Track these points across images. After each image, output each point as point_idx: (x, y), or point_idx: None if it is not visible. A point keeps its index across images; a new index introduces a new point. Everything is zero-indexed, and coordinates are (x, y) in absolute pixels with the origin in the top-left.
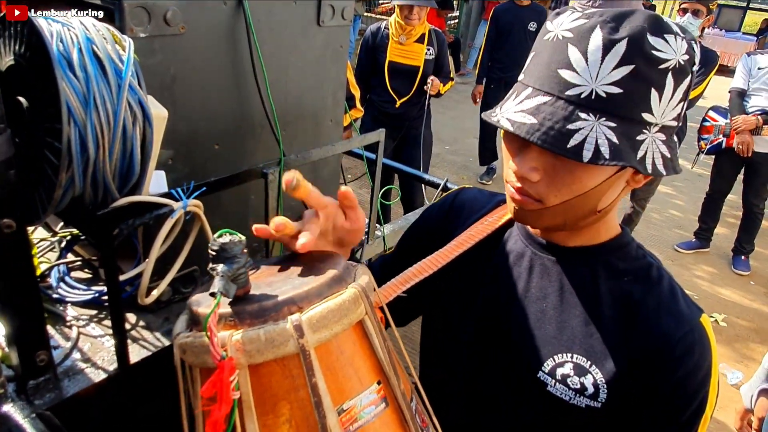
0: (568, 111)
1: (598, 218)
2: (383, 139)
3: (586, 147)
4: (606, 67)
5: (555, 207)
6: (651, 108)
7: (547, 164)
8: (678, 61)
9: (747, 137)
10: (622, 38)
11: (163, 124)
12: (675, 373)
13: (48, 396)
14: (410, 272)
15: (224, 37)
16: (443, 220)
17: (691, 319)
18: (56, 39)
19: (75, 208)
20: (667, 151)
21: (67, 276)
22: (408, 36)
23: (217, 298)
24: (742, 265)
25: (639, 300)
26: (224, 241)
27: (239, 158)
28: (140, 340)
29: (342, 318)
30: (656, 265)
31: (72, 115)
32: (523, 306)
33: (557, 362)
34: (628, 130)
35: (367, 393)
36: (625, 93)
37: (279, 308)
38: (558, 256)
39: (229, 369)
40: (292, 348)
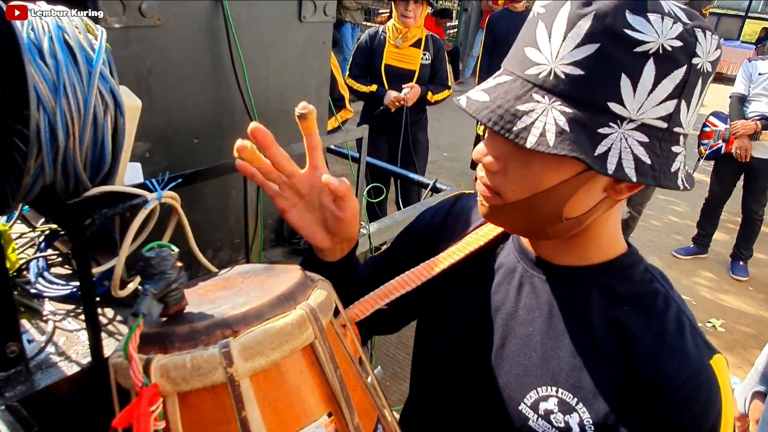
0: (522, 91)
1: (572, 228)
2: (366, 135)
3: (532, 131)
4: (568, 44)
5: (514, 204)
6: (621, 98)
7: (507, 154)
8: (662, 45)
9: (745, 142)
10: (589, 12)
11: (137, 115)
12: (675, 421)
13: (19, 388)
14: (391, 285)
15: (203, 31)
16: (438, 226)
17: (697, 361)
18: (27, 27)
19: (46, 197)
20: (645, 155)
21: (46, 271)
22: (404, 39)
23: (137, 321)
24: (741, 271)
25: (638, 332)
26: (151, 255)
27: (219, 152)
28: (117, 334)
29: (282, 344)
30: (664, 293)
31: (41, 101)
32: (508, 328)
33: (541, 395)
34: (586, 119)
35: (314, 426)
36: (587, 75)
37: (211, 331)
38: (549, 274)
39: (149, 397)
40: (220, 377)
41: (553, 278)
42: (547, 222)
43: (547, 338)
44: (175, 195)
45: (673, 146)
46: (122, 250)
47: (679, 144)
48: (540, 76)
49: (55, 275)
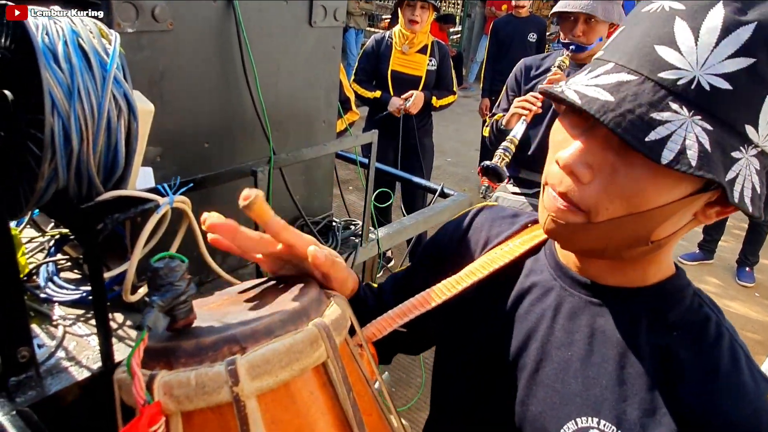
0: (657, 97)
1: (648, 252)
2: (376, 141)
3: (668, 146)
4: (720, 53)
5: (601, 225)
6: (757, 121)
7: (606, 165)
8: None
9: None
10: (751, 22)
11: (150, 119)
12: None
13: (30, 393)
14: (410, 304)
15: (214, 35)
16: (460, 240)
17: (756, 398)
18: (42, 31)
19: (59, 201)
20: (758, 184)
21: (56, 276)
22: (411, 45)
23: (141, 334)
24: (747, 277)
25: (689, 362)
26: (159, 266)
27: (229, 157)
28: (127, 339)
29: (291, 363)
30: (716, 320)
31: (55, 105)
32: (544, 352)
33: (580, 426)
34: (724, 139)
35: None
36: (735, 92)
37: (218, 347)
38: (594, 295)
39: (149, 416)
40: (225, 396)
41: (598, 299)
42: (630, 245)
43: (588, 364)
44: (186, 200)
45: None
46: (134, 255)
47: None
48: (679, 83)
49: (64, 280)
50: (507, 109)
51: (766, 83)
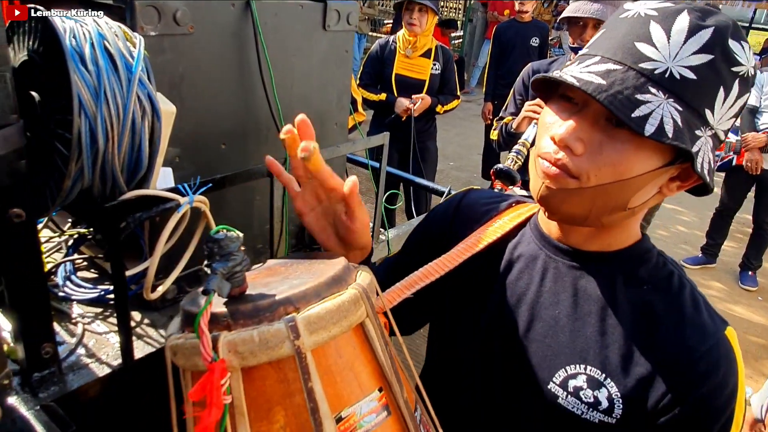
0: (639, 82)
1: (623, 218)
2: (387, 142)
3: (650, 121)
4: (687, 49)
5: (590, 189)
6: (714, 106)
7: (594, 139)
8: (748, 71)
9: (756, 155)
10: (710, 26)
11: (171, 120)
12: (698, 390)
13: (52, 389)
14: (416, 276)
15: (232, 38)
16: (450, 221)
17: (715, 332)
18: (69, 34)
19: (83, 200)
20: (712, 160)
21: (73, 275)
22: (414, 49)
23: (209, 297)
24: (750, 281)
25: (659, 310)
26: (220, 237)
27: (245, 158)
28: (144, 337)
29: (341, 320)
30: (678, 274)
31: (83, 107)
32: (534, 312)
33: (569, 374)
34: (690, 119)
35: (368, 400)
36: (698, 80)
37: (274, 308)
38: (574, 260)
39: (219, 371)
40: (287, 350)
41: (579, 263)
42: (610, 210)
43: (573, 319)
44: (205, 199)
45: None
46: (155, 253)
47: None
48: (656, 72)
49: (82, 279)
50: (514, 113)
51: (721, 76)
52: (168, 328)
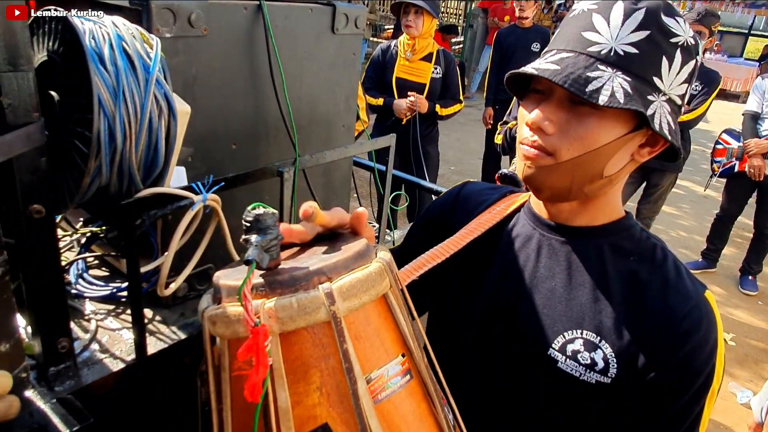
0: (588, 63)
1: (603, 187)
2: (393, 144)
3: (602, 92)
4: (625, 29)
5: (565, 163)
6: (661, 74)
7: (561, 118)
8: (687, 40)
9: (759, 161)
10: (641, 7)
11: (186, 120)
12: (682, 347)
13: (68, 383)
14: (423, 258)
15: (243, 41)
16: (449, 212)
17: (696, 295)
18: (89, 35)
19: (99, 198)
20: (672, 122)
21: (86, 272)
22: (414, 52)
23: (252, 266)
24: (750, 285)
25: (645, 278)
26: (258, 212)
27: (255, 158)
28: (156, 333)
29: (369, 289)
30: (660, 246)
31: (102, 106)
32: (532, 286)
33: (567, 339)
34: (640, 87)
35: (393, 364)
36: (640, 54)
37: (309, 278)
38: (565, 236)
39: (263, 334)
40: (323, 315)
41: (570, 238)
42: (588, 180)
43: (569, 289)
44: (217, 198)
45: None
46: (170, 250)
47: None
48: (602, 52)
49: (93, 276)
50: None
51: (662, 47)
52: (200, 304)
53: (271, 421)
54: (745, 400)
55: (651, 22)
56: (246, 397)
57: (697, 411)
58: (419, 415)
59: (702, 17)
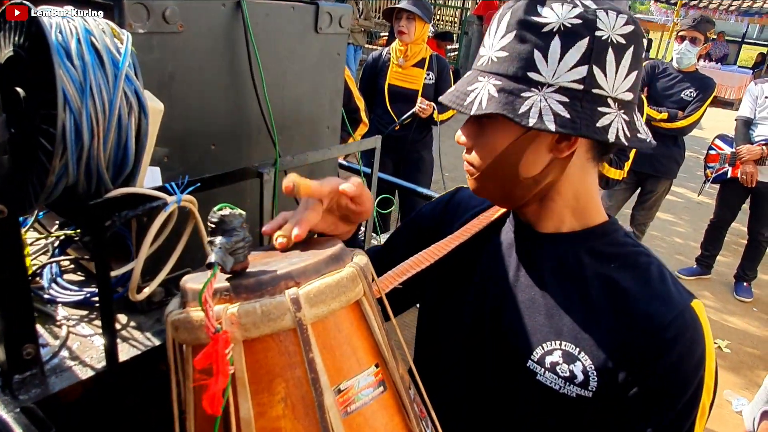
0: (471, 77)
1: (531, 189)
2: (379, 146)
3: (474, 103)
4: (497, 36)
5: (484, 172)
6: (537, 68)
7: (472, 133)
8: (562, 24)
9: (751, 168)
10: (506, 12)
11: (159, 118)
12: (665, 358)
13: (33, 391)
14: (407, 264)
15: (222, 38)
16: (439, 217)
17: (681, 304)
18: (55, 29)
19: (67, 198)
20: (564, 111)
21: (59, 277)
22: (406, 58)
23: (213, 269)
24: (745, 292)
25: (626, 286)
26: (224, 213)
27: (235, 160)
28: (130, 339)
29: (339, 295)
30: (645, 252)
31: (68, 102)
32: (512, 295)
33: (546, 350)
34: (512, 87)
35: (365, 375)
36: (510, 55)
37: (276, 282)
38: (544, 243)
39: (223, 341)
40: (288, 322)
41: (549, 246)
42: (510, 183)
43: (548, 298)
44: (193, 199)
45: (599, 107)
46: (141, 253)
47: (607, 105)
48: (483, 64)
49: (68, 281)
50: None
51: (529, 42)
52: (167, 307)
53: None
54: (740, 408)
55: (515, 21)
56: (204, 408)
57: (687, 428)
58: (392, 429)
59: (697, 23)
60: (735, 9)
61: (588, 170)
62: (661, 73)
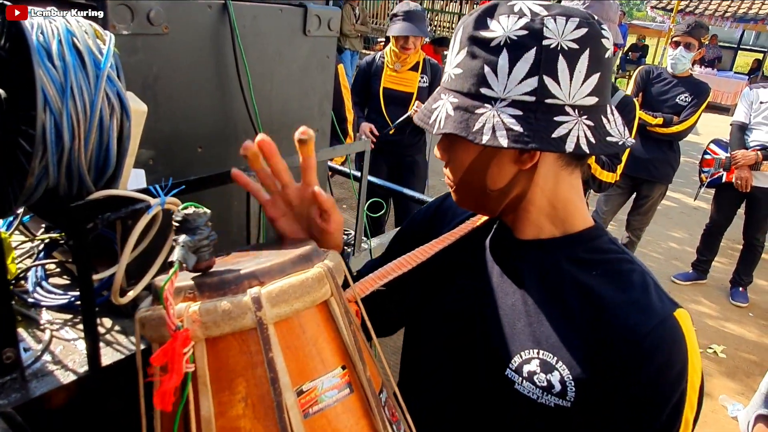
0: (437, 94)
1: (502, 200)
2: (368, 149)
3: (437, 121)
4: (453, 53)
5: (458, 186)
6: (488, 83)
7: (445, 148)
8: (508, 37)
9: (746, 173)
10: (460, 27)
11: (142, 120)
12: (644, 369)
13: (13, 396)
14: (389, 267)
15: (209, 40)
16: (428, 222)
17: (662, 313)
18: (36, 30)
19: (49, 200)
20: (517, 125)
21: (44, 281)
22: (402, 63)
23: (174, 267)
24: (741, 297)
25: (607, 294)
26: (188, 212)
27: (222, 162)
28: (115, 344)
29: (304, 295)
30: (628, 259)
31: (48, 102)
32: (493, 301)
33: (524, 359)
34: (466, 104)
35: (330, 376)
36: (464, 72)
37: (239, 281)
38: (524, 250)
39: (182, 339)
40: (249, 321)
41: (530, 252)
42: (481, 196)
43: (527, 305)
44: (178, 201)
45: (555, 116)
46: (123, 257)
47: (565, 114)
48: (445, 81)
49: (53, 285)
50: None
51: (479, 57)
52: (139, 306)
53: (192, 430)
54: (736, 413)
55: (466, 37)
56: (155, 404)
57: None
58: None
59: (691, 29)
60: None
61: (562, 177)
62: (656, 79)
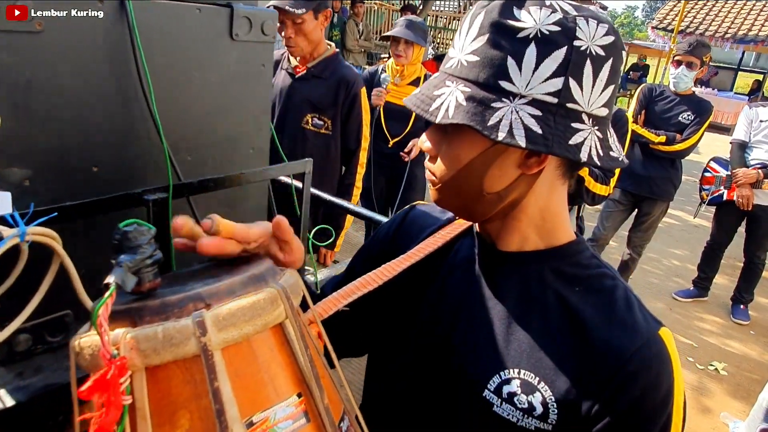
0: (439, 80)
1: (494, 205)
2: (310, 170)
3: (440, 110)
4: (468, 38)
5: (446, 183)
6: (510, 77)
7: (437, 142)
8: (539, 30)
9: (747, 191)
10: (480, 12)
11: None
12: (629, 391)
13: None
14: (353, 285)
15: (101, 42)
16: (393, 237)
17: (647, 332)
18: None
19: None
20: (536, 125)
21: None
22: (402, 78)
23: (111, 289)
24: (742, 315)
25: (589, 312)
26: (127, 229)
27: (126, 184)
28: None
29: (254, 318)
30: (611, 275)
31: None
32: (469, 317)
33: (503, 379)
34: (481, 95)
35: (284, 405)
36: (481, 60)
37: (183, 304)
38: (506, 262)
39: (117, 369)
40: (193, 347)
41: (504, 265)
42: (473, 198)
43: (507, 322)
44: (52, 233)
45: (573, 123)
46: None
47: (581, 122)
48: (452, 67)
49: None
50: None
51: (503, 48)
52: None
53: None
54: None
55: (489, 23)
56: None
57: None
58: None
59: (693, 48)
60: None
61: (556, 188)
62: (659, 96)
